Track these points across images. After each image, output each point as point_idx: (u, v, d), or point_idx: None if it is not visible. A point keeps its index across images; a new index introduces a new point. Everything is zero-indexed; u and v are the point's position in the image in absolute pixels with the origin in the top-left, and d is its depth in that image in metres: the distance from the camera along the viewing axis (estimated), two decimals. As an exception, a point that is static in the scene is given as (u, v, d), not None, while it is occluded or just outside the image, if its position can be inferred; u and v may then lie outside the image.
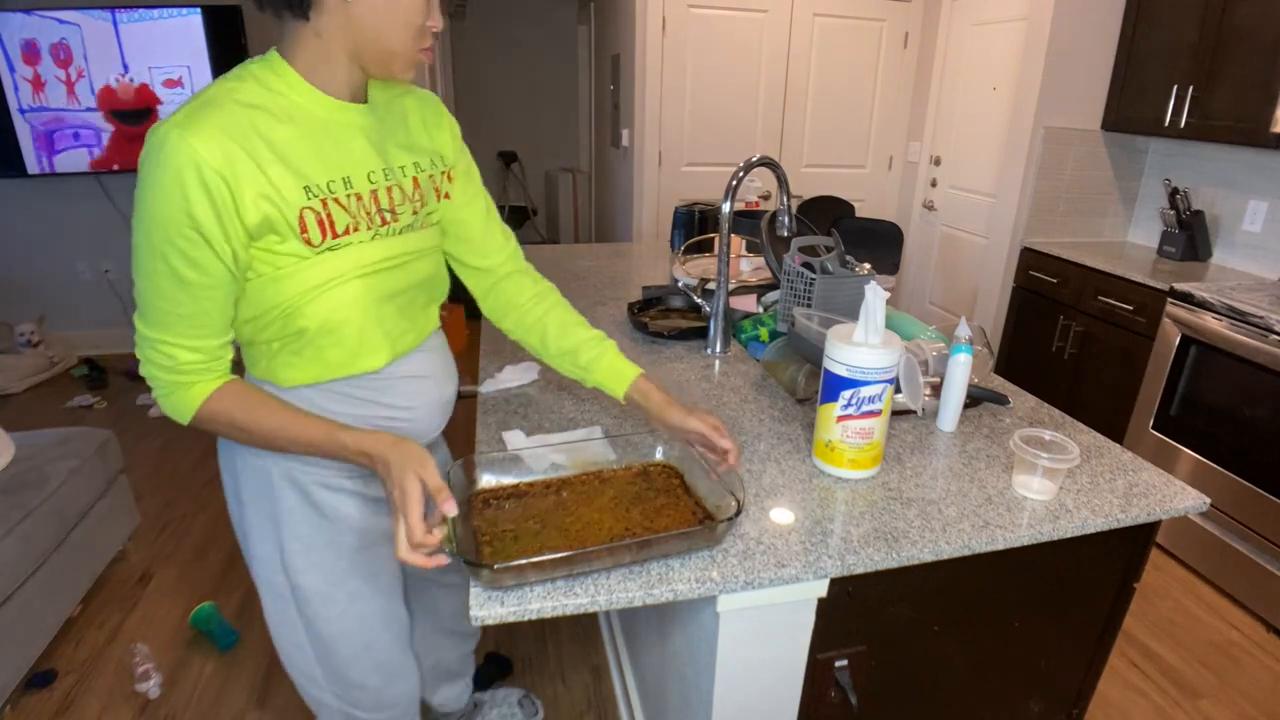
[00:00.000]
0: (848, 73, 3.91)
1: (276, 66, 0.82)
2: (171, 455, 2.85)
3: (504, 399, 1.29)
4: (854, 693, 0.99)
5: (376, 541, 1.04)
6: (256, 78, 0.81)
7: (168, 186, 0.73)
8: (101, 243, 3.76)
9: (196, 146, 0.72)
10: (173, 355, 0.81)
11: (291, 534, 0.97)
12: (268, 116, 0.79)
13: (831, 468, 1.06)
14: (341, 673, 1.07)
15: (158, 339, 0.81)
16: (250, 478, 0.96)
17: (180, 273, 0.77)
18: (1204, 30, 2.47)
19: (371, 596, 1.05)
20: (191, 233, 0.75)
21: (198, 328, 0.81)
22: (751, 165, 1.49)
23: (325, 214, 0.82)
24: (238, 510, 1.00)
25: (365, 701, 1.11)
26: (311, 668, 1.07)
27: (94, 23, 3.27)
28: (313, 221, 0.81)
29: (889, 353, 0.98)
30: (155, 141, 0.73)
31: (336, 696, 1.10)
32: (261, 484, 0.95)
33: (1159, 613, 2.11)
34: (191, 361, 0.82)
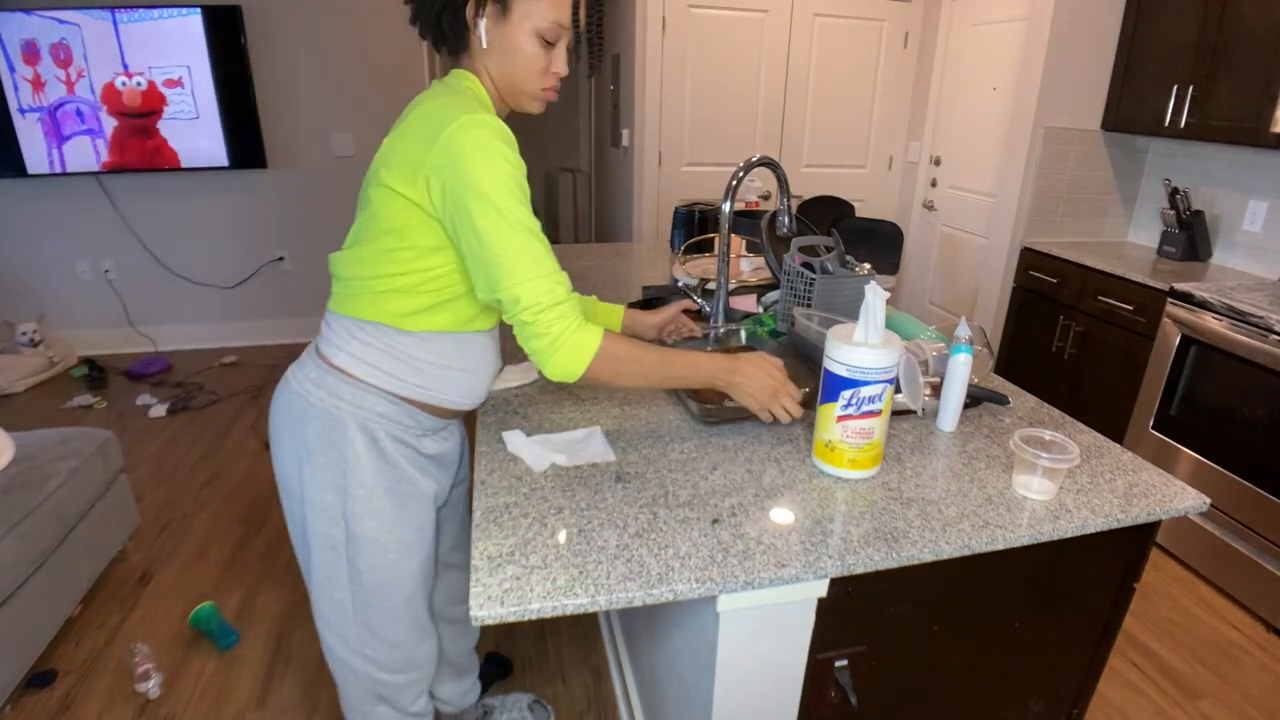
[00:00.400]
0: (848, 73, 3.91)
1: (472, 87, 1.01)
2: (171, 455, 2.85)
3: (504, 399, 1.30)
4: (854, 693, 0.99)
5: (426, 496, 1.12)
6: (470, 90, 1.00)
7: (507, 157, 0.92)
8: (101, 243, 3.76)
9: (505, 132, 0.93)
10: (563, 293, 0.96)
11: (357, 479, 1.04)
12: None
13: (832, 468, 1.06)
14: (378, 628, 1.14)
15: (550, 288, 0.95)
16: (321, 427, 1.03)
17: (529, 220, 0.94)
18: (1204, 30, 2.47)
19: (418, 548, 1.13)
20: (520, 190, 0.94)
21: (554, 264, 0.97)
22: (751, 165, 1.49)
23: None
24: (298, 463, 1.06)
25: (393, 662, 1.18)
26: (346, 627, 1.14)
27: (94, 23, 3.27)
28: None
29: (889, 353, 0.98)
30: (479, 124, 0.91)
31: (365, 659, 1.16)
32: (333, 432, 1.03)
33: (1159, 613, 2.11)
34: (563, 299, 0.97)
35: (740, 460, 1.10)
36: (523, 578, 0.83)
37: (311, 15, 3.58)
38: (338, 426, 1.03)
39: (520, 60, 0.99)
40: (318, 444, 1.04)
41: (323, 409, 1.03)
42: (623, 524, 0.93)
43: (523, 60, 0.99)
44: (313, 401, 1.04)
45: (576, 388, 1.34)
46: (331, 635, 1.16)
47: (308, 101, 3.74)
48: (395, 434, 1.07)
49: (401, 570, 1.12)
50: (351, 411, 1.03)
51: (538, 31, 0.98)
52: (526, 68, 1.00)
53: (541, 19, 0.97)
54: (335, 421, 1.03)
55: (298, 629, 1.96)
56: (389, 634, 1.15)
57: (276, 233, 3.96)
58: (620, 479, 1.04)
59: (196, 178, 3.75)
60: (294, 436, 1.06)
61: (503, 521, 0.93)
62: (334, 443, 1.03)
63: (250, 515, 2.46)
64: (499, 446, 1.12)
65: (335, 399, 1.03)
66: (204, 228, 3.86)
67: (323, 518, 1.07)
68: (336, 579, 1.10)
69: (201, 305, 4.00)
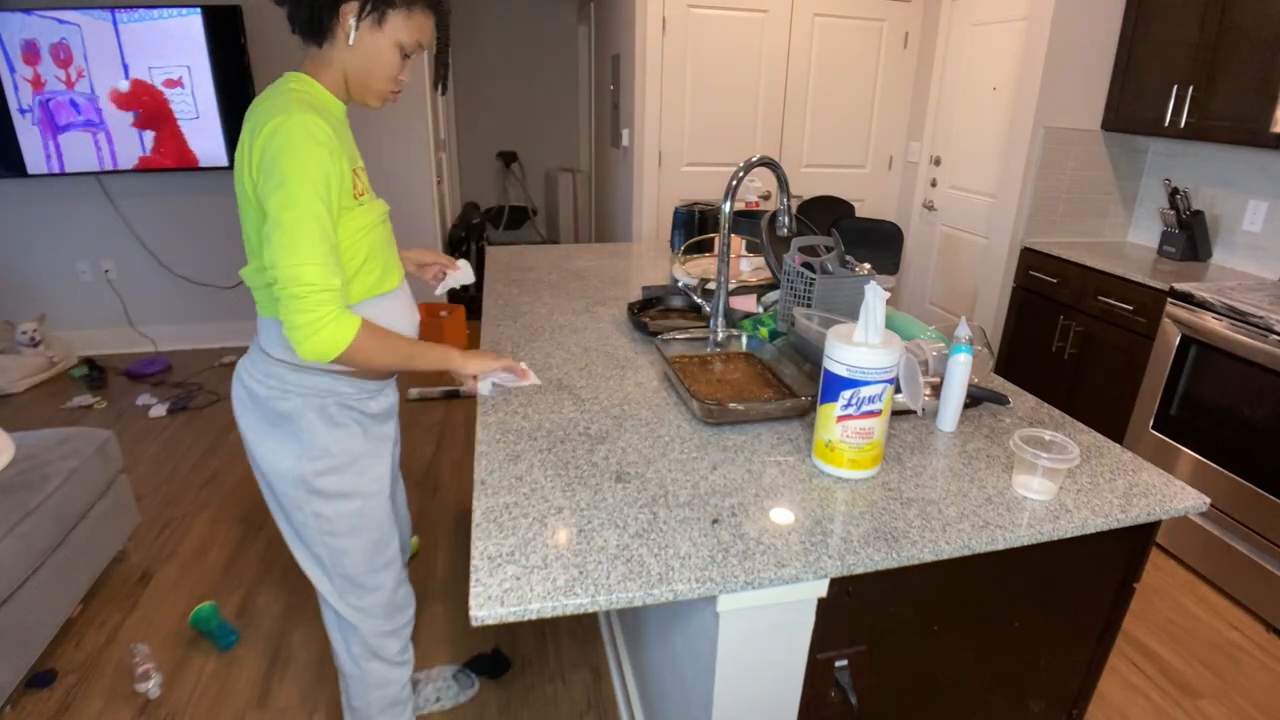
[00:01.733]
0: (848, 73, 3.91)
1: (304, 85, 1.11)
2: (171, 455, 2.85)
3: (504, 399, 1.30)
4: (854, 693, 0.99)
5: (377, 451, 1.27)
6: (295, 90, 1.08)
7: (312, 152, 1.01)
8: (101, 243, 3.76)
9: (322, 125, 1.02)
10: (336, 283, 1.04)
11: (310, 445, 1.18)
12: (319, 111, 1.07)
13: (831, 468, 1.05)
14: (357, 577, 1.28)
15: (313, 275, 1.02)
16: (270, 410, 1.17)
17: (321, 214, 1.02)
18: (1204, 30, 2.47)
19: (377, 497, 1.27)
20: (323, 186, 1.02)
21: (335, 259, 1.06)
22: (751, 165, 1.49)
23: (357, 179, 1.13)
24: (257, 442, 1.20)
25: (378, 608, 1.32)
26: (331, 580, 1.27)
27: (94, 23, 3.27)
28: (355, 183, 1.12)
29: (889, 352, 0.98)
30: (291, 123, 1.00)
31: (354, 609, 1.30)
32: (283, 411, 1.17)
33: (1159, 613, 2.11)
34: (337, 289, 1.05)
35: (740, 460, 1.10)
36: (523, 578, 0.83)
37: (311, 15, 3.58)
38: (287, 406, 1.17)
39: (379, 65, 1.12)
40: (269, 424, 1.18)
41: (267, 395, 1.17)
42: (623, 524, 0.93)
43: (382, 65, 1.12)
44: (258, 392, 1.18)
45: (578, 389, 1.34)
46: (323, 594, 1.29)
47: (308, 101, 3.74)
48: (342, 403, 1.21)
49: (366, 518, 1.26)
50: (299, 393, 1.17)
51: (400, 44, 1.12)
52: (383, 73, 1.13)
53: (407, 36, 1.12)
54: (284, 403, 1.17)
55: (298, 629, 1.96)
56: (369, 580, 1.29)
57: (276, 233, 3.96)
58: (620, 479, 1.04)
59: (197, 177, 3.75)
60: (248, 420, 1.20)
61: (503, 521, 0.93)
62: (286, 418, 1.17)
63: (250, 515, 2.46)
64: (499, 446, 1.13)
65: (283, 386, 1.17)
66: (204, 228, 3.86)
67: (286, 483, 1.20)
68: (311, 536, 1.24)
69: (201, 305, 4.00)
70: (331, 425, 1.19)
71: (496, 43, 6.04)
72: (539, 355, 1.51)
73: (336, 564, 1.26)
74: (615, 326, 1.71)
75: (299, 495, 1.21)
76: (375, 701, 1.41)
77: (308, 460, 1.18)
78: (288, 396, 1.17)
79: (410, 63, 1.16)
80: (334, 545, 1.24)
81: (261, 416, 1.19)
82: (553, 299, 1.92)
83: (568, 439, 1.15)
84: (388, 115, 3.89)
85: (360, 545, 1.26)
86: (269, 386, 1.17)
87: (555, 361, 1.48)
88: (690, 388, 1.30)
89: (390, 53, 1.11)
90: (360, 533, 1.26)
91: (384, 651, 1.37)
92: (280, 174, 0.99)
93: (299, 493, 1.20)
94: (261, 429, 1.19)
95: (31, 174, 3.43)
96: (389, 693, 1.41)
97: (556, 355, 1.52)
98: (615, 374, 1.42)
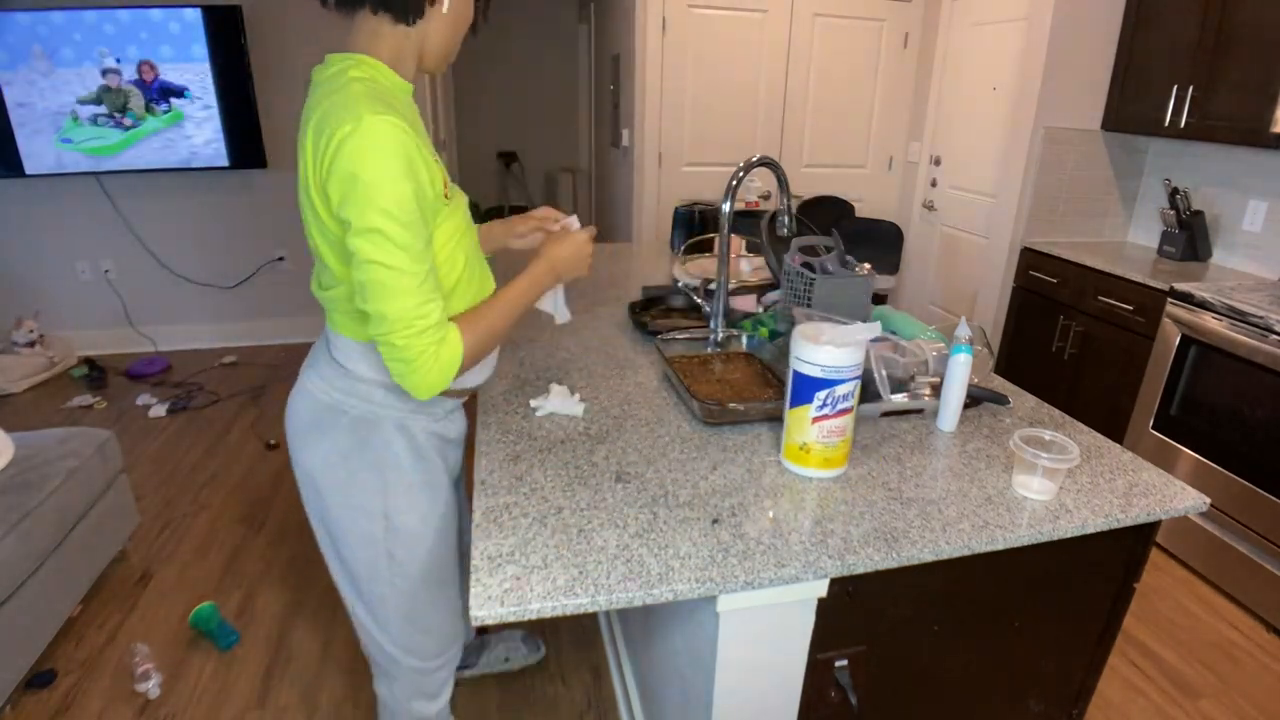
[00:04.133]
0: (848, 73, 3.91)
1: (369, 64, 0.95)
2: (171, 455, 2.85)
3: (504, 399, 1.30)
4: (854, 693, 0.99)
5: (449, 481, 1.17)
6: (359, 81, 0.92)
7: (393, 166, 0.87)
8: (101, 243, 3.76)
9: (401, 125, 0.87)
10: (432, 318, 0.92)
11: (398, 478, 1.08)
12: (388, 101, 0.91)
13: (806, 469, 1.06)
14: (418, 618, 1.19)
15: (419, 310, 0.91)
16: (358, 432, 1.06)
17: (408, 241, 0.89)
18: (1204, 30, 2.47)
19: (450, 533, 1.19)
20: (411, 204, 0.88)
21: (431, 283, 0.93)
22: (751, 165, 1.49)
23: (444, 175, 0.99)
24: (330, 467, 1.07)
25: (430, 649, 1.23)
26: (390, 621, 1.18)
27: (94, 22, 3.27)
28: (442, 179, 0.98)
29: (858, 349, 0.99)
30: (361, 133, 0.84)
31: (405, 650, 1.21)
32: (371, 435, 1.06)
33: (1159, 613, 2.11)
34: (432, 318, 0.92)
35: (740, 460, 1.10)
36: (523, 578, 0.83)
37: (311, 15, 3.58)
38: (375, 430, 1.06)
39: (463, 25, 1.04)
40: (354, 448, 1.06)
41: (357, 415, 1.06)
42: (623, 524, 0.93)
43: (463, 25, 1.05)
44: (346, 409, 1.06)
45: (578, 389, 1.34)
46: (376, 630, 1.19)
47: (308, 101, 3.74)
48: (427, 426, 1.11)
49: (438, 556, 1.17)
50: (387, 414, 1.07)
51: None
52: (460, 29, 1.05)
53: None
54: (373, 425, 1.06)
55: (298, 629, 1.96)
56: (430, 622, 1.21)
57: (276, 233, 3.96)
58: (620, 479, 1.04)
59: (196, 178, 3.75)
60: (326, 441, 1.07)
61: (503, 521, 0.93)
62: (371, 445, 1.06)
63: (250, 515, 2.46)
64: (499, 446, 1.13)
65: (369, 404, 1.06)
66: (204, 228, 3.86)
67: (362, 517, 1.09)
68: (378, 575, 1.13)
69: (201, 305, 4.00)
70: (417, 458, 1.10)
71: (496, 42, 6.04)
72: (539, 356, 1.51)
73: (399, 605, 1.16)
74: (615, 326, 1.71)
75: (375, 532, 1.10)
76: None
77: (391, 494, 1.08)
78: (378, 418, 1.06)
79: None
80: (400, 588, 1.14)
81: (338, 440, 1.06)
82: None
83: (568, 439, 1.15)
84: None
85: (427, 588, 1.17)
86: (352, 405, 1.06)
87: (555, 361, 1.48)
88: (690, 388, 1.30)
89: (469, 8, 1.04)
90: (429, 575, 1.17)
91: (428, 687, 1.28)
92: (360, 200, 0.85)
93: (376, 530, 1.10)
94: (333, 456, 1.07)
95: (31, 174, 3.43)
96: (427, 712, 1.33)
97: (556, 355, 1.52)
98: (615, 374, 1.42)
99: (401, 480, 1.09)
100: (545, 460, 1.09)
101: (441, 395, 1.08)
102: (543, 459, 1.09)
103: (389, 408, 1.06)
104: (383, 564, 1.12)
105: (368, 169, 0.85)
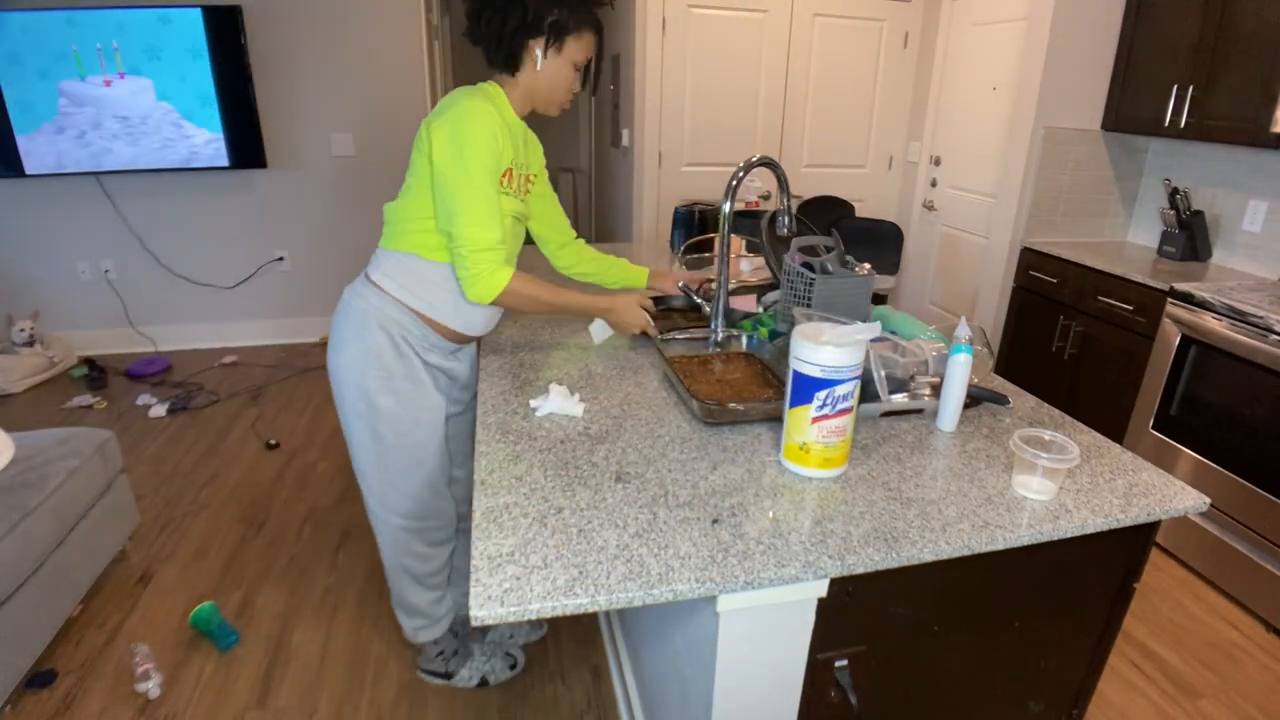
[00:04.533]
0: (848, 73, 3.91)
1: (496, 95, 1.36)
2: (171, 455, 2.85)
3: (504, 399, 1.30)
4: (854, 693, 0.99)
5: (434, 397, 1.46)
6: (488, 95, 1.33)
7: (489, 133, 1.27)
8: (101, 243, 3.76)
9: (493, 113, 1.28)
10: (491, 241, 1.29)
11: (376, 362, 1.38)
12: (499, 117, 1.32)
13: (806, 469, 1.06)
14: (397, 482, 1.48)
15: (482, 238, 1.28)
16: (355, 323, 1.37)
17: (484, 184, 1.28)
18: (1204, 30, 2.47)
19: (429, 428, 1.46)
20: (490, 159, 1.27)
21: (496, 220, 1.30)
22: (751, 165, 1.49)
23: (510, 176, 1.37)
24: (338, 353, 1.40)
25: (411, 510, 1.52)
26: (374, 481, 1.48)
27: (94, 22, 3.27)
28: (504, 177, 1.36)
29: (858, 349, 0.99)
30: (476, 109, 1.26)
31: (387, 509, 1.51)
32: (363, 327, 1.37)
33: (1159, 613, 2.11)
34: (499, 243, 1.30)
35: (740, 460, 1.10)
36: (523, 578, 0.83)
37: (311, 15, 3.58)
38: (366, 323, 1.37)
39: (561, 81, 1.36)
40: (351, 336, 1.38)
41: (356, 309, 1.38)
42: (623, 524, 0.93)
43: (563, 81, 1.37)
44: (353, 305, 1.39)
45: (578, 389, 1.34)
46: (367, 493, 1.51)
47: (308, 101, 3.74)
48: (405, 338, 1.39)
49: (415, 440, 1.45)
50: (375, 314, 1.37)
51: (575, 63, 1.36)
52: (564, 86, 1.38)
53: (580, 54, 1.36)
54: (364, 318, 1.37)
55: (298, 629, 1.96)
56: (406, 486, 1.49)
57: (276, 233, 3.96)
58: (620, 479, 1.04)
59: (196, 178, 3.75)
60: (338, 332, 1.41)
61: (503, 521, 0.93)
62: (361, 335, 1.37)
63: (250, 515, 2.46)
64: (499, 446, 1.13)
65: (365, 303, 1.37)
66: (204, 228, 3.86)
67: (353, 392, 1.40)
68: (365, 441, 1.44)
69: (201, 305, 4.00)
70: (397, 352, 1.38)
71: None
72: (539, 355, 1.51)
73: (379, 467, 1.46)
74: (615, 326, 1.71)
75: (361, 408, 1.40)
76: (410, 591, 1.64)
77: (371, 375, 1.37)
78: (367, 316, 1.36)
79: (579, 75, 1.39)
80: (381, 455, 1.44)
81: (344, 331, 1.38)
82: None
83: (568, 439, 1.16)
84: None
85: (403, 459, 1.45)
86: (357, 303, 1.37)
87: (555, 361, 1.48)
88: (690, 388, 1.30)
89: (568, 70, 1.36)
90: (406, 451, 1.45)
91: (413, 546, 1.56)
92: (456, 154, 1.24)
93: (361, 406, 1.40)
94: (339, 343, 1.39)
95: (31, 174, 3.43)
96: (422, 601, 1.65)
97: (556, 355, 1.52)
98: (615, 374, 1.42)
99: (380, 365, 1.38)
100: (545, 460, 1.09)
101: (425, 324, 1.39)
102: (543, 459, 1.09)
103: (378, 310, 1.36)
104: (368, 433, 1.43)
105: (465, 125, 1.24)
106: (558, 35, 1.31)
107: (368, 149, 3.90)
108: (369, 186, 3.96)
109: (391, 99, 3.83)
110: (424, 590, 1.64)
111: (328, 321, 4.24)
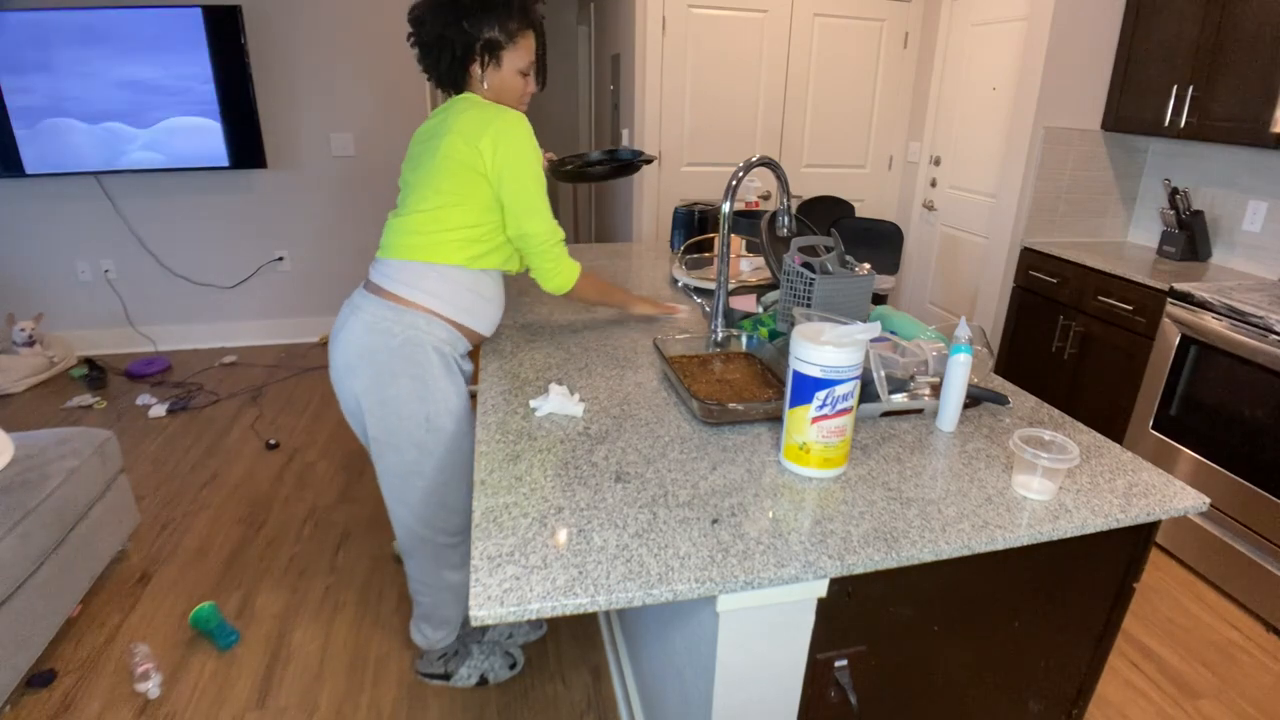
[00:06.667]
0: (848, 73, 3.91)
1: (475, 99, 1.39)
2: (171, 455, 2.85)
3: (503, 399, 1.30)
4: (854, 693, 0.99)
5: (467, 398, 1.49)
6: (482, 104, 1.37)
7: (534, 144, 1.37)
8: (101, 243, 3.76)
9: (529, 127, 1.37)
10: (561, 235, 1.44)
11: (437, 389, 1.41)
12: None
13: (806, 469, 1.06)
14: (448, 500, 1.52)
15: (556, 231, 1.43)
16: (405, 353, 1.37)
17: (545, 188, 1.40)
18: (1204, 30, 2.47)
19: (470, 435, 1.49)
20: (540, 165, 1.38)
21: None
22: (751, 165, 1.49)
23: None
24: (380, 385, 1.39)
25: (452, 525, 1.55)
26: (424, 506, 1.50)
27: (94, 22, 3.27)
28: None
29: (858, 349, 0.99)
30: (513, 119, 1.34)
31: (434, 529, 1.54)
32: (416, 354, 1.38)
33: (1159, 613, 2.11)
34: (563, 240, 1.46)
35: (740, 460, 1.10)
36: (523, 578, 0.83)
37: (311, 15, 3.58)
38: (419, 350, 1.38)
39: (510, 89, 1.43)
40: (403, 367, 1.38)
41: (405, 338, 1.37)
42: (623, 524, 0.93)
43: (511, 89, 1.43)
44: (395, 333, 1.37)
45: (578, 389, 1.35)
46: (412, 519, 1.52)
47: (308, 101, 3.74)
48: (451, 354, 1.43)
49: (465, 452, 1.50)
50: (428, 339, 1.38)
51: (518, 70, 1.41)
52: (514, 92, 1.44)
53: (522, 61, 1.41)
54: (417, 347, 1.37)
55: (298, 629, 1.96)
56: (455, 502, 1.52)
57: (276, 233, 3.96)
58: (620, 479, 1.04)
59: (196, 178, 3.75)
60: (375, 365, 1.38)
61: (503, 521, 0.93)
62: (417, 363, 1.38)
63: (250, 515, 2.46)
64: (499, 446, 1.13)
65: (415, 331, 1.37)
66: (204, 228, 3.86)
67: (409, 423, 1.41)
68: (419, 469, 1.46)
69: (201, 305, 4.00)
70: (447, 370, 1.42)
71: (496, 43, 6.03)
72: (539, 355, 1.51)
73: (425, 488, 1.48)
74: (615, 326, 1.71)
75: (416, 432, 1.41)
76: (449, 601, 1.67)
77: (433, 402, 1.40)
78: (421, 344, 1.37)
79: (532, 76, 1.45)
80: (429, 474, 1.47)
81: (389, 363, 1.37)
82: (552, 299, 1.92)
83: (567, 439, 1.16)
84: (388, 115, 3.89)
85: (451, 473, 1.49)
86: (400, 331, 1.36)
87: (555, 361, 1.48)
88: (690, 388, 1.30)
89: (513, 79, 1.42)
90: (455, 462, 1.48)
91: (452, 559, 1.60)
92: (521, 161, 1.34)
93: (420, 432, 1.42)
94: (384, 376, 1.38)
95: (31, 173, 3.43)
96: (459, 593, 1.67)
97: (556, 355, 1.52)
98: (615, 374, 1.42)
99: (440, 390, 1.41)
100: (545, 460, 1.09)
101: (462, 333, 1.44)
102: (543, 459, 1.09)
103: (429, 334, 1.38)
104: (426, 460, 1.45)
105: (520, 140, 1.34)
106: (493, 52, 1.38)
107: (368, 149, 3.90)
108: (369, 187, 3.96)
109: (391, 99, 3.83)
110: (460, 602, 1.67)
111: (328, 321, 4.26)
